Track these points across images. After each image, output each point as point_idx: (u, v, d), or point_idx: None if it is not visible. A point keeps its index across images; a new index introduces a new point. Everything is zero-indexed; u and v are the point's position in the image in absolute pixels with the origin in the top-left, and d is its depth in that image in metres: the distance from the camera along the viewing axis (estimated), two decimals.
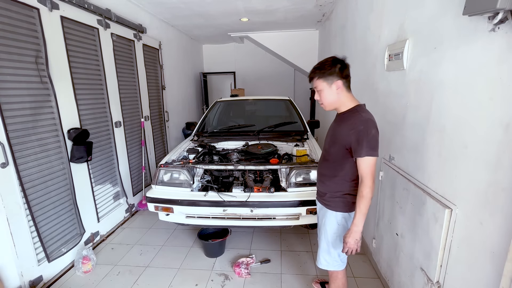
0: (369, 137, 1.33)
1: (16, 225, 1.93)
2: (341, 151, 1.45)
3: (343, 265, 1.65)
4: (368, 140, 1.33)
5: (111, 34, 2.96)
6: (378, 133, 1.37)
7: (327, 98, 1.47)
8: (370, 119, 1.38)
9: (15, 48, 1.92)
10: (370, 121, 1.37)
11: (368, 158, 1.34)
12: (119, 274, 2.36)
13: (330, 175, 1.55)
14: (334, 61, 1.42)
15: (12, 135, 1.89)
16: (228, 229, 2.68)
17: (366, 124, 1.36)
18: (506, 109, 0.99)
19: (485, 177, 1.09)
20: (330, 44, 4.22)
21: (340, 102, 1.48)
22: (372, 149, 1.34)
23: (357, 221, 1.40)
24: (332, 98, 1.47)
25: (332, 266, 1.64)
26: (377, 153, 1.35)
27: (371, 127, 1.35)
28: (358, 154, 1.35)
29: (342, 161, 1.47)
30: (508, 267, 0.93)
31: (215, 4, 3.70)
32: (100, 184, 2.83)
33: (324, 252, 1.64)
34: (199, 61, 6.61)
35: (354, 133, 1.36)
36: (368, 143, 1.33)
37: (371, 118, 1.40)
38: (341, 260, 1.64)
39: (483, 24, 1.09)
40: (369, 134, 1.34)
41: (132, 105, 3.42)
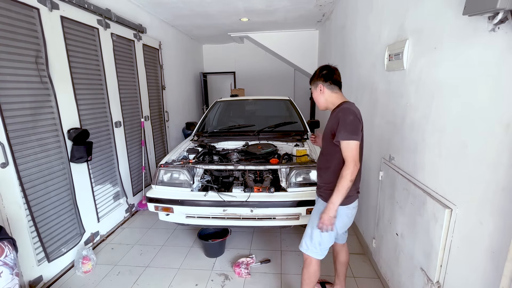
0: (346, 122, 1.45)
1: (16, 225, 1.92)
2: (330, 142, 1.55)
3: (321, 255, 1.71)
4: (345, 125, 1.45)
5: (111, 34, 2.96)
6: (357, 120, 1.47)
7: (316, 99, 1.67)
8: (349, 108, 1.50)
9: (15, 48, 1.92)
10: (349, 109, 1.49)
11: (347, 142, 1.45)
12: (119, 274, 2.36)
13: (324, 168, 1.64)
14: (321, 69, 1.62)
15: (12, 135, 1.89)
16: (228, 229, 2.68)
17: (344, 111, 1.49)
18: (506, 109, 0.99)
19: (485, 177, 1.09)
20: (330, 44, 4.22)
21: (328, 102, 1.63)
22: (350, 133, 1.44)
23: (333, 199, 1.49)
24: (319, 99, 1.65)
25: (310, 251, 1.71)
26: (356, 137, 1.45)
27: (349, 113, 1.47)
28: (337, 138, 1.47)
29: (333, 152, 1.56)
30: (508, 267, 0.93)
31: (215, 4, 3.70)
32: (100, 184, 2.83)
33: (307, 237, 1.72)
34: (199, 61, 6.61)
35: (336, 121, 1.50)
36: (345, 128, 1.44)
37: (351, 107, 1.51)
38: (320, 250, 1.70)
39: (483, 24, 1.09)
40: (346, 119, 1.46)
41: (132, 105, 3.42)
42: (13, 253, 1.53)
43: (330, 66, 1.62)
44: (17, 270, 1.54)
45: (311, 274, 1.75)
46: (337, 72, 1.61)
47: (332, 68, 1.61)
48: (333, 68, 1.61)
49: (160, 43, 4.18)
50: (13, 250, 1.53)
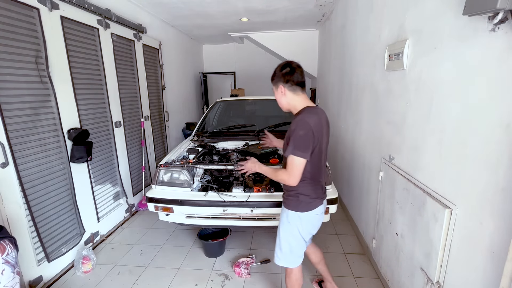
0: (296, 137, 1.38)
1: (16, 225, 1.92)
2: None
3: (295, 262, 1.68)
4: (294, 140, 1.38)
5: (111, 34, 2.96)
6: (308, 136, 1.38)
7: (278, 101, 1.57)
8: (303, 120, 1.40)
9: (15, 48, 1.92)
10: (303, 122, 1.40)
11: (292, 157, 1.38)
12: (119, 274, 2.36)
13: None
14: (282, 66, 1.48)
15: (12, 135, 1.89)
16: (228, 229, 2.68)
17: (297, 125, 1.41)
18: (506, 109, 0.99)
19: (485, 177, 1.09)
20: (330, 44, 4.22)
21: (290, 105, 1.54)
22: (296, 149, 1.37)
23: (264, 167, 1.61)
24: (281, 101, 1.56)
25: (283, 262, 1.68)
26: (303, 154, 1.37)
27: (302, 128, 1.38)
28: (285, 152, 1.43)
29: None
30: (508, 267, 0.93)
31: (215, 4, 3.70)
32: (100, 184, 2.83)
33: (277, 247, 1.68)
34: (199, 61, 6.61)
35: (289, 133, 1.45)
36: (294, 143, 1.38)
37: (308, 119, 1.41)
38: (293, 258, 1.66)
39: (483, 24, 1.09)
40: (296, 135, 1.38)
41: (132, 105, 3.42)
42: (14, 252, 1.53)
43: (292, 64, 1.47)
44: (18, 269, 1.54)
45: (294, 283, 1.73)
46: (300, 71, 1.46)
47: (294, 66, 1.46)
48: (295, 66, 1.46)
49: (160, 43, 4.18)
50: (14, 249, 1.53)
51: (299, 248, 1.66)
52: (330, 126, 1.62)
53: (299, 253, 1.67)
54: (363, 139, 2.61)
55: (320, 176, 1.57)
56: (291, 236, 1.62)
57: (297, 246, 1.64)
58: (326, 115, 1.57)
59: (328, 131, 1.59)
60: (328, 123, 1.59)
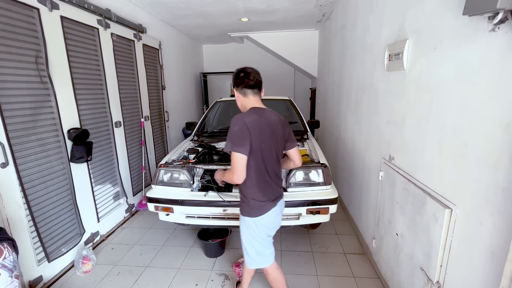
0: (231, 132, 1.46)
1: (16, 225, 1.93)
2: None
3: (266, 262, 1.72)
4: (230, 136, 1.46)
5: (111, 34, 2.96)
6: (242, 131, 1.43)
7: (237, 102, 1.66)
8: (239, 117, 1.49)
9: (15, 48, 1.92)
10: (237, 118, 1.48)
11: (233, 154, 1.44)
12: (119, 274, 2.36)
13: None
14: (236, 72, 1.59)
15: (12, 135, 1.89)
16: (228, 229, 2.68)
17: (233, 122, 1.49)
18: (506, 109, 0.99)
19: (485, 177, 1.09)
20: (330, 44, 4.22)
21: (242, 106, 1.63)
22: (234, 145, 1.44)
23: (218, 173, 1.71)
24: (238, 103, 1.65)
25: (255, 264, 1.73)
26: (239, 149, 1.42)
27: (236, 124, 1.46)
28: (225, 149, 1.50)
29: None
30: (508, 267, 0.93)
31: (215, 4, 3.70)
32: (100, 184, 2.83)
33: (244, 252, 1.74)
34: (199, 61, 6.61)
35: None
36: (230, 138, 1.46)
37: (242, 116, 1.49)
38: (261, 258, 1.70)
39: (483, 24, 1.09)
40: (231, 130, 1.47)
41: (132, 105, 3.42)
42: (13, 255, 1.50)
43: (245, 69, 1.55)
44: (17, 272, 1.51)
45: (274, 279, 1.77)
46: (251, 76, 1.53)
47: (245, 72, 1.54)
48: (246, 72, 1.54)
49: (160, 43, 4.18)
50: (13, 251, 1.50)
51: (264, 248, 1.69)
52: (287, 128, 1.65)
53: (266, 253, 1.71)
54: (363, 139, 2.61)
55: (268, 178, 1.58)
56: (253, 240, 1.65)
57: (261, 247, 1.68)
58: (277, 117, 1.61)
59: (281, 133, 1.60)
60: (281, 124, 1.61)
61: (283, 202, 1.76)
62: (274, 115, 1.61)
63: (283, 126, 1.63)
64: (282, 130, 1.61)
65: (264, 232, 1.64)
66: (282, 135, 1.62)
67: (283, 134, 1.62)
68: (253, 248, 1.68)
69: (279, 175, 1.68)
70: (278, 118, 1.62)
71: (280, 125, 1.60)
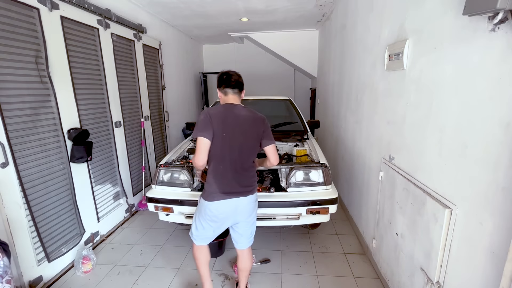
0: (197, 122, 1.65)
1: (16, 225, 1.93)
2: None
3: (196, 240, 1.85)
4: (196, 125, 1.65)
5: (111, 34, 2.96)
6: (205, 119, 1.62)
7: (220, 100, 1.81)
8: (205, 109, 1.70)
9: (15, 48, 1.92)
10: (203, 111, 1.68)
11: (197, 138, 1.63)
12: (119, 274, 2.36)
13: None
14: (220, 74, 1.75)
15: (12, 135, 1.89)
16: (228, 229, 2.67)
17: (200, 114, 1.69)
18: (506, 109, 0.99)
19: (485, 177, 1.09)
20: (330, 44, 4.22)
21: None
22: (197, 130, 1.62)
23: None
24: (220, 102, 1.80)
25: (191, 234, 1.89)
26: (200, 133, 1.61)
27: (202, 114, 1.67)
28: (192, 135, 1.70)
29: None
30: (508, 267, 0.93)
31: (215, 4, 3.70)
32: (100, 184, 2.83)
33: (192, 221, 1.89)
34: (199, 61, 6.61)
35: None
36: (196, 127, 1.64)
37: (209, 109, 1.70)
38: (195, 235, 1.84)
39: (483, 24, 1.09)
40: (198, 120, 1.66)
41: (132, 105, 3.42)
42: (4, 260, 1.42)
43: (228, 72, 1.72)
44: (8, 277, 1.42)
45: (194, 256, 1.91)
46: (232, 78, 1.70)
47: (228, 74, 1.71)
48: (229, 74, 1.71)
49: (160, 43, 4.18)
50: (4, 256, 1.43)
51: (202, 229, 1.79)
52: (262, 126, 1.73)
53: (200, 235, 1.82)
54: (363, 139, 2.61)
55: (222, 167, 1.67)
56: (197, 215, 1.80)
57: (200, 227, 1.79)
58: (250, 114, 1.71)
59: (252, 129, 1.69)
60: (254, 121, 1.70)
61: (247, 204, 1.76)
62: (246, 111, 1.71)
63: (257, 122, 1.71)
64: (254, 126, 1.70)
65: (206, 217, 1.75)
66: (254, 131, 1.70)
67: (255, 130, 1.70)
68: (195, 222, 1.82)
69: (245, 170, 1.72)
70: (251, 114, 1.72)
71: (251, 121, 1.70)
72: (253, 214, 1.85)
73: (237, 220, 1.80)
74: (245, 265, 1.95)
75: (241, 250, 1.92)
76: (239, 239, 1.88)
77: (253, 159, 1.78)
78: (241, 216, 1.78)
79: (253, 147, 1.73)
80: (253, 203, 1.81)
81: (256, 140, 1.72)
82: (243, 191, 1.72)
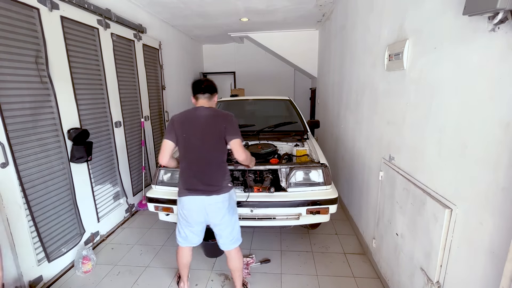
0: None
1: (16, 225, 1.93)
2: None
3: (177, 240, 1.95)
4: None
5: (111, 34, 2.96)
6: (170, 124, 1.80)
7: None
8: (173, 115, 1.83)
9: (15, 48, 1.92)
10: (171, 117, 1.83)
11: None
12: (119, 274, 2.36)
13: None
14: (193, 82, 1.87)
15: (12, 135, 1.89)
16: None
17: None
18: (506, 109, 0.99)
19: (485, 177, 1.09)
20: (330, 44, 4.22)
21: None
22: (165, 134, 1.79)
23: None
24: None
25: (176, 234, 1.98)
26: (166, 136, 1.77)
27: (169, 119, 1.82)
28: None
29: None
30: (508, 267, 0.93)
31: (215, 4, 3.70)
32: (100, 184, 2.83)
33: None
34: (199, 61, 6.61)
35: None
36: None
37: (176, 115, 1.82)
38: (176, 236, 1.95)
39: (483, 24, 1.09)
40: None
41: (132, 105, 3.42)
42: None
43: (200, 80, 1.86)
44: None
45: (176, 256, 2.02)
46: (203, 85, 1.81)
47: (200, 81, 1.84)
48: (201, 81, 1.84)
49: (160, 43, 4.18)
50: None
51: (180, 227, 1.89)
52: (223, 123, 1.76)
53: (180, 233, 1.91)
54: (363, 139, 2.61)
55: (184, 165, 1.80)
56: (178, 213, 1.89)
57: (180, 225, 1.89)
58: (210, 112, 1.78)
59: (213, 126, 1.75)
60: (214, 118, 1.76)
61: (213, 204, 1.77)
62: (208, 111, 1.78)
63: (217, 120, 1.76)
64: (214, 123, 1.75)
65: (179, 216, 1.86)
66: (215, 129, 1.74)
67: (216, 127, 1.74)
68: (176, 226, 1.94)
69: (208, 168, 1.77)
70: (212, 113, 1.78)
71: (211, 119, 1.76)
72: (226, 216, 1.82)
73: (209, 222, 1.84)
74: (234, 266, 1.97)
75: (227, 251, 1.93)
76: (219, 240, 1.91)
77: (219, 157, 1.80)
78: (211, 218, 1.81)
79: (214, 145, 1.76)
80: (221, 204, 1.78)
81: (218, 137, 1.75)
82: (205, 190, 1.75)
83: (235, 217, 1.90)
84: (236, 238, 1.92)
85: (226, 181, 1.83)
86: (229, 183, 1.85)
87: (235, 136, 1.75)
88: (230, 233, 1.88)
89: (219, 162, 1.80)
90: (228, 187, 1.83)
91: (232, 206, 1.87)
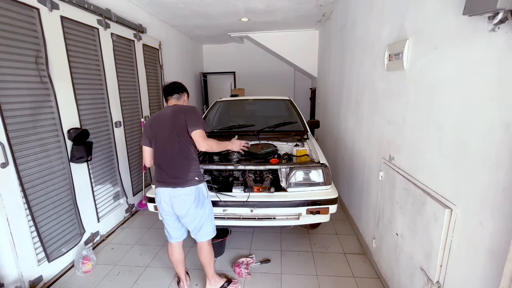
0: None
1: (16, 225, 1.93)
2: None
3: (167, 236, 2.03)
4: None
5: (111, 34, 2.96)
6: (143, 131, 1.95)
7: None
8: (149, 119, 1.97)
9: (15, 48, 1.92)
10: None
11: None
12: (119, 274, 2.36)
13: None
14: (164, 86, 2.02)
15: (12, 135, 1.89)
16: (228, 229, 2.67)
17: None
18: (506, 109, 0.99)
19: (485, 177, 1.09)
20: (330, 44, 4.22)
21: None
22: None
23: None
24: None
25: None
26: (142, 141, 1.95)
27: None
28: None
29: None
30: (508, 267, 0.93)
31: (215, 4, 3.70)
32: (100, 184, 2.83)
33: None
34: (199, 61, 6.62)
35: None
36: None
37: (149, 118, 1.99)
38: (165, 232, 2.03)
39: (483, 24, 1.09)
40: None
41: (132, 105, 3.42)
42: None
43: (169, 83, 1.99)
44: None
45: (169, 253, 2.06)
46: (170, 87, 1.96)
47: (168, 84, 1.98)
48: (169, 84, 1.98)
49: (160, 43, 4.18)
50: None
51: (163, 221, 1.98)
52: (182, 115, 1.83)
53: (165, 228, 2.01)
54: (363, 139, 2.61)
55: (160, 163, 1.88)
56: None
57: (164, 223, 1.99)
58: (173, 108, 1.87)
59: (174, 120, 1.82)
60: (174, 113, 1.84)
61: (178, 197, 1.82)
62: (170, 108, 1.88)
63: (176, 114, 1.84)
64: (174, 117, 1.82)
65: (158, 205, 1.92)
66: (176, 122, 1.82)
67: (176, 121, 1.82)
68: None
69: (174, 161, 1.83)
70: (173, 108, 1.86)
71: (171, 114, 1.84)
72: (191, 209, 1.84)
73: (178, 214, 1.89)
74: (201, 258, 2.02)
75: (198, 242, 2.00)
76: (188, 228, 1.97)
77: (183, 150, 1.83)
78: (177, 210, 1.86)
79: (178, 138, 1.82)
80: (186, 197, 1.81)
81: (180, 130, 1.82)
82: (171, 182, 1.82)
83: (204, 212, 1.90)
84: (206, 232, 1.95)
85: (193, 174, 1.84)
86: (196, 176, 1.86)
87: (196, 127, 1.82)
88: (196, 227, 1.92)
89: (184, 156, 1.84)
90: (195, 181, 1.84)
91: (201, 200, 1.87)
